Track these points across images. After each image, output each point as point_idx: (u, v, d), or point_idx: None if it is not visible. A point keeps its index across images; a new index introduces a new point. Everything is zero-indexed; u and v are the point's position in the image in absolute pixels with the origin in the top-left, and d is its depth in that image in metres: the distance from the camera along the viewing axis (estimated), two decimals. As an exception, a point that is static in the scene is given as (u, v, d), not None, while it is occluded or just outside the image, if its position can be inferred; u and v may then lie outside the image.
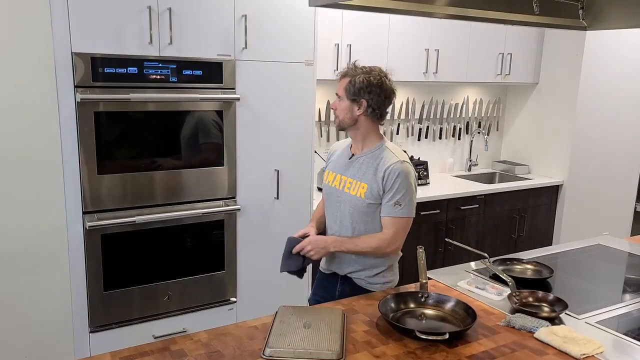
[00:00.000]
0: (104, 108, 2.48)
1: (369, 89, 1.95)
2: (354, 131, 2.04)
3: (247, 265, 3.00)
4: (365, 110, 1.98)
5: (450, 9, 2.00)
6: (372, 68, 2.00)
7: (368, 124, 2.01)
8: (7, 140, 2.34)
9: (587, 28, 2.26)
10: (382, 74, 1.98)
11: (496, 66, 4.14)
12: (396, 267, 2.13)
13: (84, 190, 2.51)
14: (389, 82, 1.99)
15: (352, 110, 1.99)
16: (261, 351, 1.51)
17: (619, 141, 4.42)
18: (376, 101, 1.96)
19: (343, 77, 2.02)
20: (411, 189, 1.97)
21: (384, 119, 2.06)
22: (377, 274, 2.06)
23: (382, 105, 1.98)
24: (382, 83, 1.96)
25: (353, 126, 2.02)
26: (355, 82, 1.96)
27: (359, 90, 1.96)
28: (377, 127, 2.05)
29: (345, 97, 1.99)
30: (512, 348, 1.58)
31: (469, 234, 3.87)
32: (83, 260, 2.57)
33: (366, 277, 2.06)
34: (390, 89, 1.99)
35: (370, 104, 1.97)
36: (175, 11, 2.57)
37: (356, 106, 1.98)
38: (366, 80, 1.95)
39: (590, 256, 2.50)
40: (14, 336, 2.49)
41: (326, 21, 3.23)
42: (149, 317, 2.75)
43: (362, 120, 2.00)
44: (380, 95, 1.96)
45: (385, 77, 1.98)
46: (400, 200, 1.95)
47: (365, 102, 1.96)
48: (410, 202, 1.97)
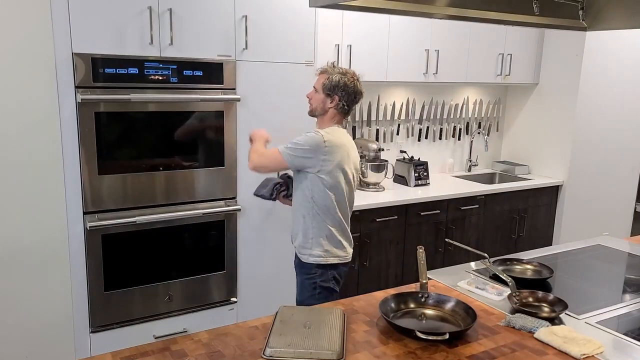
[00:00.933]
0: (104, 108, 2.49)
1: (343, 88, 2.31)
2: (320, 118, 2.40)
3: (248, 265, 3.01)
4: (336, 105, 2.33)
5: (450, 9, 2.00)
6: (347, 70, 2.37)
7: (334, 115, 2.37)
8: (8, 141, 2.34)
9: (587, 28, 2.26)
10: (355, 77, 2.35)
11: (496, 67, 4.14)
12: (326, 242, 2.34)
13: (84, 190, 2.52)
14: (360, 85, 2.36)
15: (325, 103, 2.35)
16: (262, 351, 1.51)
17: (619, 141, 4.42)
18: (347, 99, 2.33)
19: (322, 73, 2.37)
20: (302, 145, 2.25)
21: (349, 115, 2.44)
22: (302, 243, 2.36)
23: (351, 103, 2.35)
24: (354, 85, 2.33)
25: (323, 114, 2.38)
26: (332, 80, 2.32)
27: (334, 87, 2.31)
28: (340, 118, 2.39)
29: (321, 90, 2.35)
30: (512, 348, 1.58)
31: (469, 234, 3.87)
32: (84, 261, 2.57)
33: (298, 246, 2.40)
34: (359, 91, 2.36)
35: (342, 100, 2.32)
36: (176, 12, 2.58)
37: (329, 100, 2.34)
38: (342, 80, 2.31)
39: (590, 256, 2.50)
40: (15, 336, 2.49)
41: (326, 22, 3.23)
42: (149, 317, 2.76)
43: (330, 112, 2.36)
44: (351, 94, 2.33)
45: (357, 81, 2.35)
46: (289, 144, 2.27)
47: (338, 98, 2.32)
48: (292, 150, 2.26)
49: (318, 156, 2.25)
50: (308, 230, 2.34)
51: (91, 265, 2.58)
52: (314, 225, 2.33)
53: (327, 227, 2.34)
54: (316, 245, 2.34)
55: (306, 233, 2.35)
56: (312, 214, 2.33)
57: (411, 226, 3.57)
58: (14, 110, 2.34)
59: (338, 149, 2.28)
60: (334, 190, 2.31)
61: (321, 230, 2.33)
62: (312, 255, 2.35)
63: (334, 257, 2.36)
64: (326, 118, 2.37)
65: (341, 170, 2.30)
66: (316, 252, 2.34)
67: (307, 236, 2.35)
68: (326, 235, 2.34)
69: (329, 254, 2.35)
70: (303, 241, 2.36)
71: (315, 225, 2.33)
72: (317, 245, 2.34)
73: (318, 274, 2.35)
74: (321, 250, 2.34)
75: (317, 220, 2.33)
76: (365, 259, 3.40)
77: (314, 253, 2.35)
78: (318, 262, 2.34)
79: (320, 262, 2.34)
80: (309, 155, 2.25)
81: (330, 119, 2.36)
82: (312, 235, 2.34)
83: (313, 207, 2.32)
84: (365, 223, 3.35)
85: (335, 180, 2.30)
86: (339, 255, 2.38)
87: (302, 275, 2.41)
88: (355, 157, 2.39)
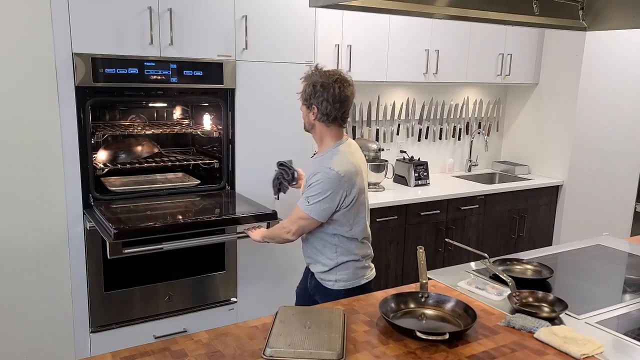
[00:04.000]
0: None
1: (317, 94, 2.01)
2: (313, 134, 2.14)
3: (248, 266, 3.01)
4: (316, 116, 2.05)
5: (450, 9, 2.00)
6: (327, 72, 2.05)
7: (323, 129, 2.08)
8: (8, 141, 2.34)
9: (587, 28, 2.26)
10: (332, 79, 2.02)
11: (496, 67, 4.14)
12: (353, 267, 2.15)
13: (84, 190, 2.52)
14: (340, 87, 2.02)
15: (308, 115, 2.08)
16: (262, 351, 1.51)
17: (619, 141, 4.42)
18: (325, 106, 2.02)
19: (302, 81, 2.09)
20: (323, 194, 1.99)
21: (344, 122, 2.10)
22: (326, 270, 2.14)
23: (332, 110, 2.02)
24: (330, 89, 2.00)
25: (312, 130, 2.12)
26: (305, 88, 2.06)
27: (309, 96, 2.04)
28: (334, 130, 2.09)
29: (302, 102, 2.09)
30: (512, 348, 1.58)
31: (469, 234, 3.87)
32: (84, 260, 2.57)
33: (318, 272, 2.17)
34: (339, 95, 2.01)
35: (320, 109, 2.03)
36: (176, 12, 2.58)
37: (310, 112, 2.07)
38: (313, 86, 2.02)
39: (590, 256, 2.50)
40: (15, 336, 2.49)
41: (326, 22, 3.23)
42: (149, 317, 2.76)
43: (318, 126, 2.08)
44: (328, 100, 2.01)
45: (335, 83, 2.01)
46: (310, 198, 2.02)
47: (316, 107, 2.04)
48: (317, 204, 2.01)
49: (340, 193, 2.01)
50: (331, 260, 2.12)
51: (91, 265, 2.58)
52: (337, 255, 2.12)
53: (353, 254, 2.13)
54: (343, 270, 2.12)
55: (329, 262, 2.13)
56: (334, 243, 2.11)
57: (411, 226, 3.57)
58: (14, 110, 2.34)
59: (355, 175, 2.05)
60: (357, 219, 2.10)
61: (347, 257, 2.12)
62: (340, 281, 2.13)
63: (362, 277, 2.16)
64: (317, 134, 2.11)
65: (360, 191, 2.09)
66: (344, 277, 2.13)
67: (329, 264, 2.13)
68: (352, 260, 2.13)
69: (357, 276, 2.15)
70: (326, 269, 2.14)
71: (340, 253, 2.12)
72: (344, 270, 2.12)
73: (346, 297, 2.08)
74: (349, 275, 2.13)
75: (340, 250, 2.12)
76: (365, 259, 3.40)
77: (342, 278, 2.13)
78: (348, 287, 2.13)
79: (349, 286, 2.13)
80: (334, 198, 2.01)
81: (322, 134, 2.10)
82: (336, 263, 2.12)
83: (334, 238, 2.11)
84: (365, 223, 3.35)
85: (358, 207, 2.09)
86: (367, 275, 2.18)
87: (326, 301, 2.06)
88: (365, 167, 2.19)
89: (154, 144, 2.99)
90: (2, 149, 2.34)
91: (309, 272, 2.26)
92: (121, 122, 3.04)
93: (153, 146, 2.94)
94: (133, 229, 2.29)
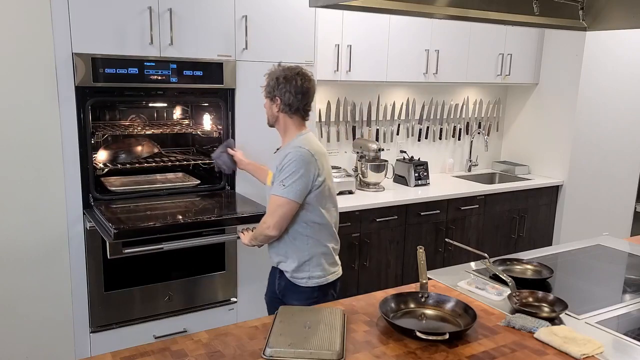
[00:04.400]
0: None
1: (280, 86, 2.11)
2: (277, 127, 2.21)
3: (248, 265, 3.01)
4: (279, 107, 2.13)
5: (450, 9, 2.00)
6: (289, 67, 2.15)
7: (286, 120, 2.16)
8: (8, 141, 2.34)
9: (587, 29, 2.26)
10: (295, 72, 2.12)
11: (496, 67, 4.14)
12: (325, 261, 2.18)
13: (84, 190, 2.52)
14: (303, 79, 2.12)
15: (271, 107, 2.17)
16: (261, 351, 1.51)
17: (619, 141, 4.42)
18: (288, 97, 2.11)
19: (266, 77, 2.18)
20: (297, 172, 2.03)
21: (306, 115, 2.19)
22: (297, 266, 2.15)
23: (295, 101, 2.11)
24: (292, 81, 2.10)
25: (276, 122, 2.19)
26: (268, 82, 2.15)
27: (273, 88, 2.13)
28: (297, 121, 2.17)
29: (265, 95, 2.18)
30: (512, 348, 1.58)
31: (469, 234, 3.87)
32: (84, 261, 2.57)
33: (290, 270, 2.17)
34: (301, 86, 2.11)
35: (283, 100, 2.12)
36: (176, 12, 2.58)
37: (274, 104, 2.15)
38: (276, 79, 2.12)
39: (590, 256, 2.50)
40: (15, 336, 2.49)
41: (326, 22, 3.23)
42: (149, 317, 2.76)
43: (281, 117, 2.16)
44: (291, 92, 2.10)
45: (297, 75, 2.11)
46: (285, 181, 2.04)
47: (279, 99, 2.12)
48: (293, 185, 2.04)
49: (312, 171, 2.06)
50: (303, 253, 2.14)
51: (91, 265, 2.58)
52: (310, 246, 2.14)
53: (325, 245, 2.17)
54: (315, 266, 2.15)
55: (301, 256, 2.14)
56: (306, 234, 2.13)
57: (411, 226, 3.57)
58: (14, 110, 2.34)
59: (323, 157, 2.13)
60: (328, 204, 2.15)
61: (319, 248, 2.15)
62: (313, 278, 2.15)
63: (333, 274, 2.20)
64: (281, 126, 2.17)
65: (328, 175, 2.15)
66: (316, 273, 2.15)
67: (301, 259, 2.14)
68: (323, 252, 2.17)
69: (328, 272, 2.19)
70: (298, 265, 2.15)
71: (312, 244, 2.14)
72: (316, 266, 2.15)
73: (319, 297, 2.15)
74: (321, 270, 2.16)
75: (312, 241, 2.14)
76: (365, 259, 3.40)
77: (315, 275, 2.15)
78: (320, 283, 2.15)
79: (321, 283, 2.16)
80: (308, 176, 2.05)
81: (286, 126, 2.16)
82: (308, 256, 2.14)
83: (306, 228, 2.13)
84: (365, 223, 3.35)
85: (328, 192, 2.14)
86: (336, 272, 2.23)
87: (299, 301, 2.15)
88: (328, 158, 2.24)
89: (154, 143, 2.99)
90: (2, 149, 2.34)
91: (276, 274, 2.25)
92: (121, 122, 3.04)
93: (153, 146, 2.94)
94: (133, 229, 2.29)
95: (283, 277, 2.21)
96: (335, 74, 3.36)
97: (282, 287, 2.22)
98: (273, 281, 2.28)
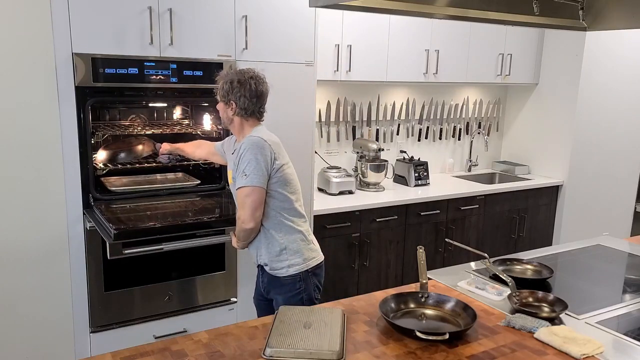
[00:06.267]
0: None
1: (234, 91, 2.11)
2: (231, 129, 2.23)
3: (248, 265, 3.00)
4: (235, 110, 2.14)
5: (450, 9, 2.00)
6: (242, 70, 2.16)
7: (242, 121, 2.17)
8: (8, 141, 2.34)
9: (587, 29, 2.26)
10: (248, 75, 2.13)
11: (496, 67, 4.14)
12: (303, 246, 2.17)
13: (84, 190, 2.52)
14: (257, 83, 2.13)
15: (227, 111, 2.17)
16: (261, 351, 1.51)
17: (619, 141, 4.42)
18: (243, 102, 2.12)
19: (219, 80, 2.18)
20: (254, 159, 2.04)
21: (261, 116, 2.21)
22: (274, 257, 2.15)
23: (250, 104, 2.13)
24: (246, 84, 2.10)
25: (230, 124, 2.21)
26: (222, 85, 2.14)
27: (227, 93, 2.13)
28: (252, 122, 2.18)
29: (220, 99, 2.17)
30: (512, 348, 1.58)
31: (469, 234, 3.87)
32: (84, 260, 2.57)
33: (270, 262, 2.16)
34: (255, 90, 2.12)
35: (239, 104, 2.12)
36: (176, 12, 2.58)
37: (228, 108, 2.15)
38: (230, 83, 2.11)
39: (590, 256, 2.50)
40: (15, 336, 2.49)
41: (326, 22, 3.23)
42: (149, 317, 2.76)
43: (237, 120, 2.17)
44: (246, 96, 2.11)
45: (251, 79, 2.12)
46: (245, 170, 2.05)
47: (234, 103, 2.13)
48: (254, 171, 2.04)
49: (268, 155, 2.07)
50: (279, 241, 2.13)
51: (91, 265, 2.58)
52: (284, 233, 2.13)
53: (298, 230, 2.15)
54: (293, 253, 2.14)
55: (278, 244, 2.13)
56: (277, 221, 2.12)
57: (411, 226, 3.57)
58: (14, 110, 2.34)
59: (277, 146, 2.14)
60: (292, 188, 2.15)
61: (293, 234, 2.14)
62: (293, 265, 2.14)
63: (313, 259, 2.19)
64: (237, 127, 2.19)
65: (287, 162, 2.17)
66: (295, 260, 2.14)
67: (277, 248, 2.13)
68: (299, 237, 2.16)
69: (308, 258, 2.17)
70: (275, 255, 2.14)
71: (285, 232, 2.13)
72: (294, 253, 2.14)
73: (303, 288, 2.15)
74: (299, 257, 2.15)
75: (285, 227, 2.13)
76: (365, 259, 3.40)
77: (294, 262, 2.14)
78: (300, 270, 2.14)
79: (302, 269, 2.14)
80: (265, 160, 2.06)
81: (243, 126, 2.18)
82: (284, 244, 2.13)
83: (276, 215, 2.12)
84: (365, 223, 3.35)
85: (288, 177, 2.14)
86: (316, 257, 2.21)
87: (283, 294, 2.15)
88: None
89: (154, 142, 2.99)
90: (2, 149, 2.34)
91: (260, 272, 2.26)
92: (121, 122, 3.04)
93: (153, 144, 2.93)
94: (133, 229, 2.29)
95: (265, 274, 2.22)
96: (335, 74, 3.37)
97: (265, 284, 2.23)
98: (258, 281, 2.30)
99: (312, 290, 2.19)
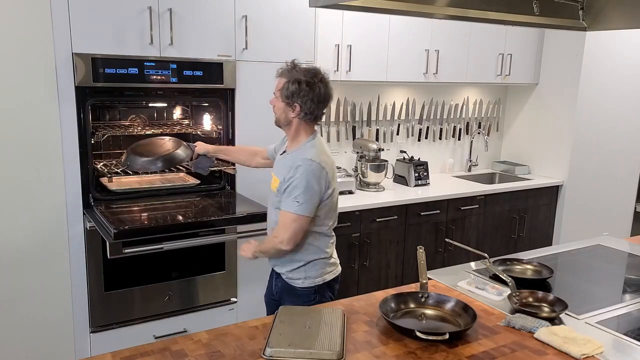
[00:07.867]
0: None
1: (302, 94, 1.98)
2: (287, 129, 2.11)
3: (248, 265, 3.00)
4: (298, 114, 2.02)
5: (450, 9, 2.00)
6: (309, 70, 2.02)
7: (301, 125, 2.07)
8: (8, 140, 2.35)
9: (587, 29, 2.26)
10: (317, 78, 2.01)
11: (496, 67, 4.14)
12: (322, 263, 2.13)
13: (84, 190, 2.52)
14: (324, 86, 2.02)
15: (287, 112, 2.05)
16: (262, 351, 1.51)
17: (619, 141, 4.42)
18: (309, 106, 2.01)
19: (280, 76, 2.06)
20: (310, 187, 1.96)
21: (319, 120, 2.11)
22: (294, 269, 2.11)
23: (315, 109, 2.02)
24: (315, 88, 1.99)
25: (287, 126, 2.09)
26: (288, 86, 2.00)
27: (292, 94, 2.00)
28: (310, 127, 2.09)
29: (281, 98, 2.04)
30: (512, 348, 1.58)
31: (469, 234, 3.87)
32: (84, 261, 2.57)
33: (286, 272, 2.13)
34: (324, 94, 2.02)
35: (304, 108, 2.01)
36: (176, 12, 2.58)
37: (290, 109, 2.03)
38: (299, 85, 1.98)
39: (590, 256, 2.50)
40: (15, 336, 2.49)
41: (326, 22, 3.23)
42: (149, 317, 2.76)
43: (296, 122, 2.06)
44: (313, 100, 2.00)
45: (320, 82, 2.01)
46: (298, 198, 1.96)
47: (299, 106, 2.01)
48: (307, 201, 1.97)
49: (323, 185, 2.00)
50: (302, 259, 2.09)
51: (91, 265, 2.58)
52: (309, 253, 2.09)
53: (324, 251, 2.12)
54: (311, 267, 2.10)
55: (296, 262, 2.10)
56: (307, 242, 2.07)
57: (411, 226, 3.57)
58: (14, 110, 2.34)
59: (332, 168, 2.07)
60: (332, 213, 2.11)
61: (318, 254, 2.11)
62: (309, 278, 2.10)
63: (330, 273, 2.16)
64: (293, 130, 2.08)
65: (336, 188, 2.11)
66: (312, 273, 2.10)
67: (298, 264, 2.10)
68: (322, 258, 2.12)
69: (325, 272, 2.14)
70: (294, 269, 2.11)
71: (312, 252, 2.09)
72: (312, 268, 2.10)
73: (317, 300, 2.10)
74: (317, 270, 2.11)
75: (313, 248, 2.09)
76: (365, 259, 3.40)
77: (311, 275, 2.10)
78: (317, 283, 2.10)
79: (318, 283, 2.11)
80: (320, 191, 2.00)
81: (299, 130, 2.08)
82: (307, 260, 2.10)
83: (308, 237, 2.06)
84: (365, 223, 3.35)
85: (333, 202, 2.10)
86: (334, 270, 2.18)
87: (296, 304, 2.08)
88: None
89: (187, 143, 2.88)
90: (2, 149, 2.34)
91: (274, 275, 2.22)
92: (121, 122, 3.04)
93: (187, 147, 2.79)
94: (133, 229, 2.29)
95: (280, 279, 2.17)
96: (335, 74, 3.36)
97: (279, 288, 2.19)
98: (271, 282, 2.27)
99: (325, 301, 2.13)
